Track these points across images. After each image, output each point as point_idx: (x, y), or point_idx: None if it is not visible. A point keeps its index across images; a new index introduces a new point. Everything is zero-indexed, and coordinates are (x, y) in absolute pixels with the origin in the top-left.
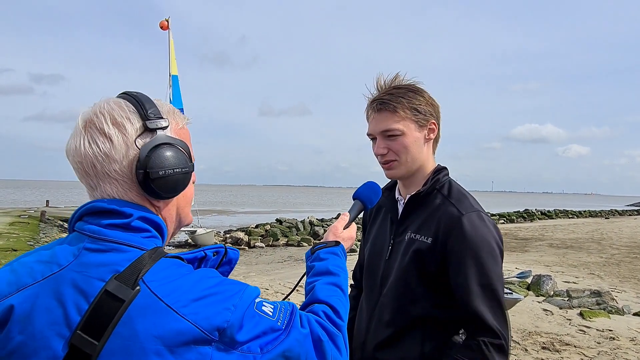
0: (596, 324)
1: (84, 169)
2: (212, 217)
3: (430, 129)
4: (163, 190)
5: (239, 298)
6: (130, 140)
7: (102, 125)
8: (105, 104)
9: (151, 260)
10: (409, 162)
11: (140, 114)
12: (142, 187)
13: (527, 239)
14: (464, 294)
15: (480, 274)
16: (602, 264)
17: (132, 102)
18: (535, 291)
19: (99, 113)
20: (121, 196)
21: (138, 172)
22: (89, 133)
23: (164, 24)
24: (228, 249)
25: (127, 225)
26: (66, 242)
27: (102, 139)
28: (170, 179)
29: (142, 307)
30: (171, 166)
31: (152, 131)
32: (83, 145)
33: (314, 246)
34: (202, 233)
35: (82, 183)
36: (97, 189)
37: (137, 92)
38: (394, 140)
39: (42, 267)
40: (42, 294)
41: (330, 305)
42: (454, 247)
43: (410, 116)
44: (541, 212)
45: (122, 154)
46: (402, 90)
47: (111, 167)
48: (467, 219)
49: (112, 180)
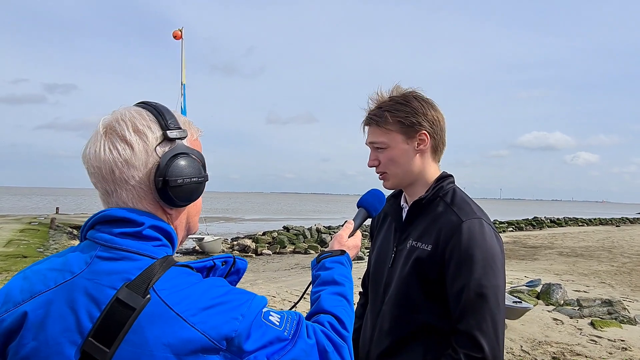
0: (608, 334)
1: (102, 175)
2: (219, 225)
3: (421, 139)
4: (179, 198)
5: (246, 307)
6: (150, 148)
7: (123, 132)
8: (126, 111)
9: (162, 268)
10: (400, 174)
11: (160, 124)
12: (160, 194)
13: (536, 247)
14: (456, 303)
15: (474, 284)
16: (614, 272)
17: (152, 111)
18: (545, 300)
19: (121, 120)
20: (135, 203)
21: (157, 179)
22: (109, 139)
23: (177, 34)
24: (236, 258)
25: (138, 233)
26: (78, 250)
27: (123, 145)
28: (187, 188)
29: (152, 315)
30: (189, 175)
31: (172, 141)
32: (103, 150)
33: (319, 255)
34: (210, 240)
35: (97, 189)
36: (113, 194)
37: (156, 102)
38: (381, 153)
39: (55, 274)
40: (55, 301)
41: (336, 315)
42: (452, 254)
43: (395, 129)
44: (550, 220)
45: (142, 161)
46: (390, 103)
47: (130, 174)
48: (467, 225)
49: (129, 187)
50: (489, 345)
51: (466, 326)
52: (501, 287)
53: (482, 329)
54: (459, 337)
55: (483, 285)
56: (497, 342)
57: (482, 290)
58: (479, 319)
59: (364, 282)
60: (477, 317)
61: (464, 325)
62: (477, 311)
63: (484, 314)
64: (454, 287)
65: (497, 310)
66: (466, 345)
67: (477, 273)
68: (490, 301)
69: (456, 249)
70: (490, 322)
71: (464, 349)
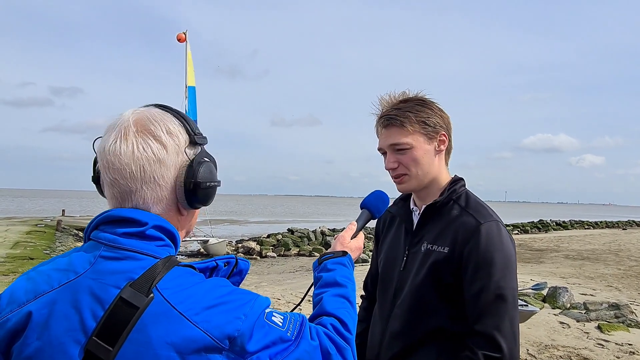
0: (615, 338)
1: (131, 171)
2: (224, 227)
3: (441, 140)
4: (200, 200)
5: (249, 307)
6: (181, 150)
7: (158, 132)
8: (155, 111)
9: (165, 268)
10: (420, 175)
11: (186, 128)
12: (187, 195)
13: (542, 250)
14: (474, 305)
15: (494, 286)
16: (620, 276)
17: (176, 115)
18: (551, 303)
19: (153, 120)
20: (156, 202)
21: (188, 181)
22: (142, 137)
23: (181, 37)
24: (239, 259)
25: (141, 233)
26: (82, 250)
27: (158, 145)
28: (210, 191)
29: (155, 314)
30: (212, 179)
31: (197, 145)
32: (136, 148)
33: (321, 256)
34: (215, 243)
35: (113, 186)
36: (134, 193)
37: (173, 107)
38: (403, 154)
39: (59, 274)
40: (59, 300)
41: (339, 318)
42: (471, 256)
43: (418, 129)
44: (556, 222)
45: (173, 162)
46: (409, 104)
47: (161, 173)
48: (486, 228)
49: (155, 186)
50: (507, 346)
51: (484, 327)
52: (516, 289)
53: (500, 330)
54: (476, 338)
55: (502, 287)
56: (515, 342)
57: (502, 292)
58: (497, 320)
59: (365, 285)
60: (495, 318)
61: (482, 326)
62: (496, 312)
63: (502, 315)
64: (472, 289)
65: (514, 312)
66: (485, 346)
67: (496, 275)
68: (509, 302)
69: (474, 251)
70: (508, 323)
71: (482, 349)
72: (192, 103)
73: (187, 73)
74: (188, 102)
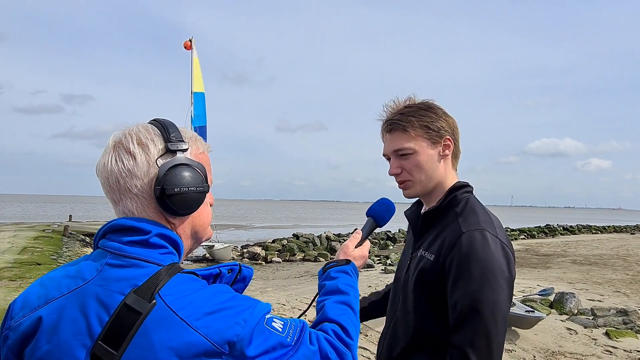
0: (623, 344)
1: (110, 185)
2: (229, 232)
3: (445, 145)
4: (178, 207)
5: (249, 313)
6: (152, 160)
7: (128, 144)
8: (134, 127)
9: (167, 275)
10: (424, 181)
11: (164, 137)
12: (159, 203)
13: (548, 255)
14: (452, 316)
15: (469, 298)
16: (629, 281)
17: (157, 126)
18: (558, 309)
19: (127, 135)
20: (140, 212)
21: (156, 188)
22: (116, 152)
23: (187, 44)
24: (242, 266)
25: (145, 241)
26: (90, 259)
27: (128, 157)
28: (185, 197)
29: (157, 319)
30: (187, 185)
31: (173, 152)
32: (110, 162)
33: (325, 265)
34: (220, 248)
35: (107, 198)
36: (119, 203)
37: (165, 119)
38: (406, 159)
39: (69, 281)
40: (68, 306)
41: (340, 324)
42: (451, 266)
43: (421, 134)
44: (563, 227)
45: (143, 172)
46: (412, 109)
47: (133, 183)
48: (467, 236)
49: (133, 196)
50: None
51: (458, 340)
52: (500, 302)
53: (474, 345)
54: (452, 351)
55: (477, 300)
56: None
57: (476, 305)
58: (471, 335)
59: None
60: (469, 333)
61: (457, 339)
62: (470, 326)
63: (476, 330)
64: (451, 299)
65: (492, 327)
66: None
67: (472, 287)
68: (485, 317)
69: (455, 260)
70: (483, 338)
71: None
72: (200, 109)
73: (192, 80)
74: (194, 108)
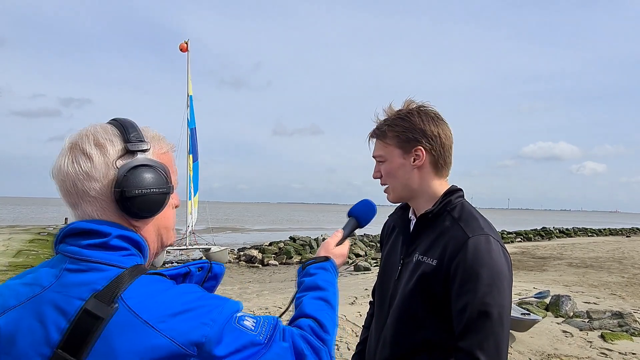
0: (618, 347)
1: (66, 188)
2: (226, 235)
3: (417, 155)
4: (139, 209)
5: (218, 312)
6: (110, 161)
7: (84, 146)
8: (92, 127)
9: (130, 277)
10: (398, 188)
11: (123, 137)
12: (119, 205)
13: (545, 258)
14: (459, 321)
15: (478, 302)
16: (624, 284)
17: (117, 126)
18: (554, 312)
19: (84, 135)
20: (100, 215)
21: (115, 190)
22: (72, 153)
23: (183, 46)
24: (213, 263)
25: (105, 244)
26: (49, 265)
27: (84, 158)
28: (147, 199)
29: (119, 324)
30: (147, 186)
31: (133, 153)
32: (66, 164)
33: (304, 262)
34: (216, 251)
35: (64, 202)
36: (77, 207)
37: (125, 118)
38: (382, 166)
39: (26, 289)
40: (25, 315)
41: (316, 319)
42: (457, 271)
43: (393, 143)
44: (559, 230)
45: (101, 174)
46: (391, 118)
47: (91, 186)
48: (474, 241)
49: (91, 199)
50: None
51: (468, 344)
52: (506, 306)
53: (483, 348)
54: (460, 355)
55: (487, 304)
56: None
57: (486, 309)
58: (481, 338)
59: (373, 293)
60: (479, 336)
61: (466, 344)
62: (479, 330)
63: (486, 333)
64: (457, 304)
65: (500, 330)
66: None
67: (481, 291)
68: (494, 320)
69: (461, 265)
70: (492, 341)
71: None
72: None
73: (188, 82)
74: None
